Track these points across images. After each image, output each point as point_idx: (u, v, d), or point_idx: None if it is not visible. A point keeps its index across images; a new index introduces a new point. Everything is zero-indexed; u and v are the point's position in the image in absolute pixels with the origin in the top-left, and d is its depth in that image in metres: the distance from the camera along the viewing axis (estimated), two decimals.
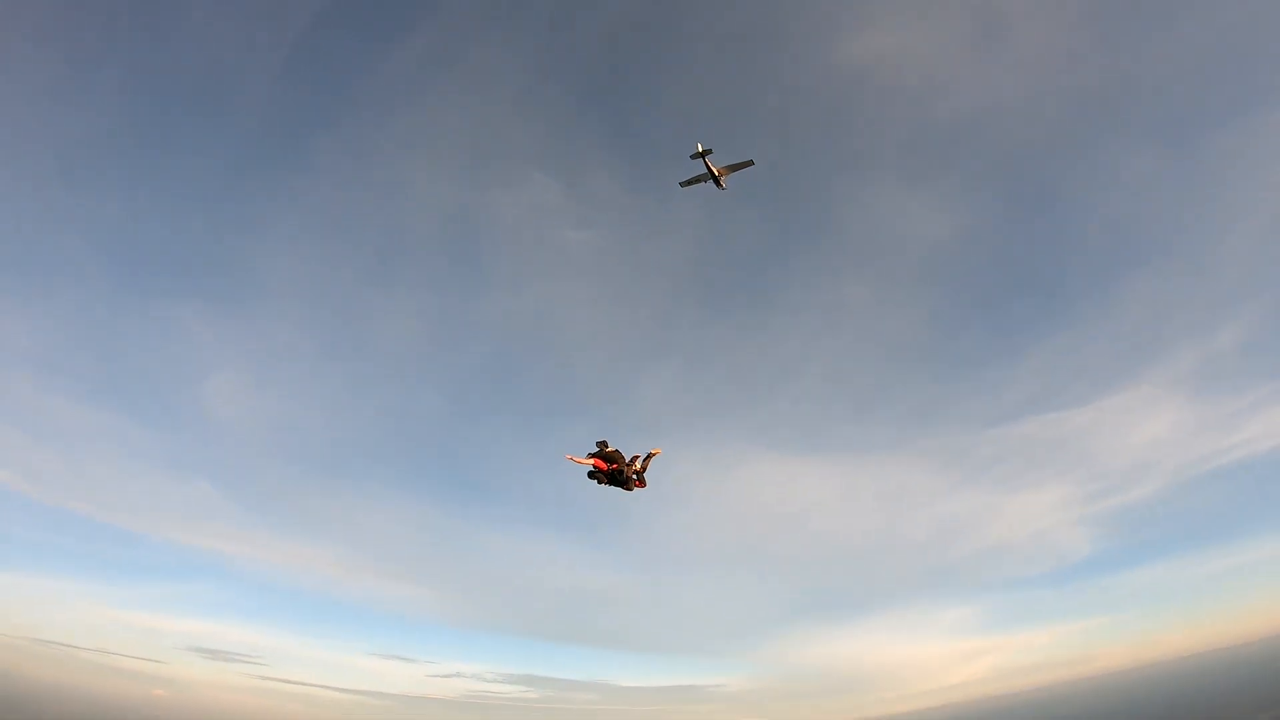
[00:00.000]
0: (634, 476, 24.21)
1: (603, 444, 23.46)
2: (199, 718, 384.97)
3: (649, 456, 24.37)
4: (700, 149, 67.02)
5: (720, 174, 68.92)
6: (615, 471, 23.95)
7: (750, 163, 69.55)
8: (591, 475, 23.71)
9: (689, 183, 70.17)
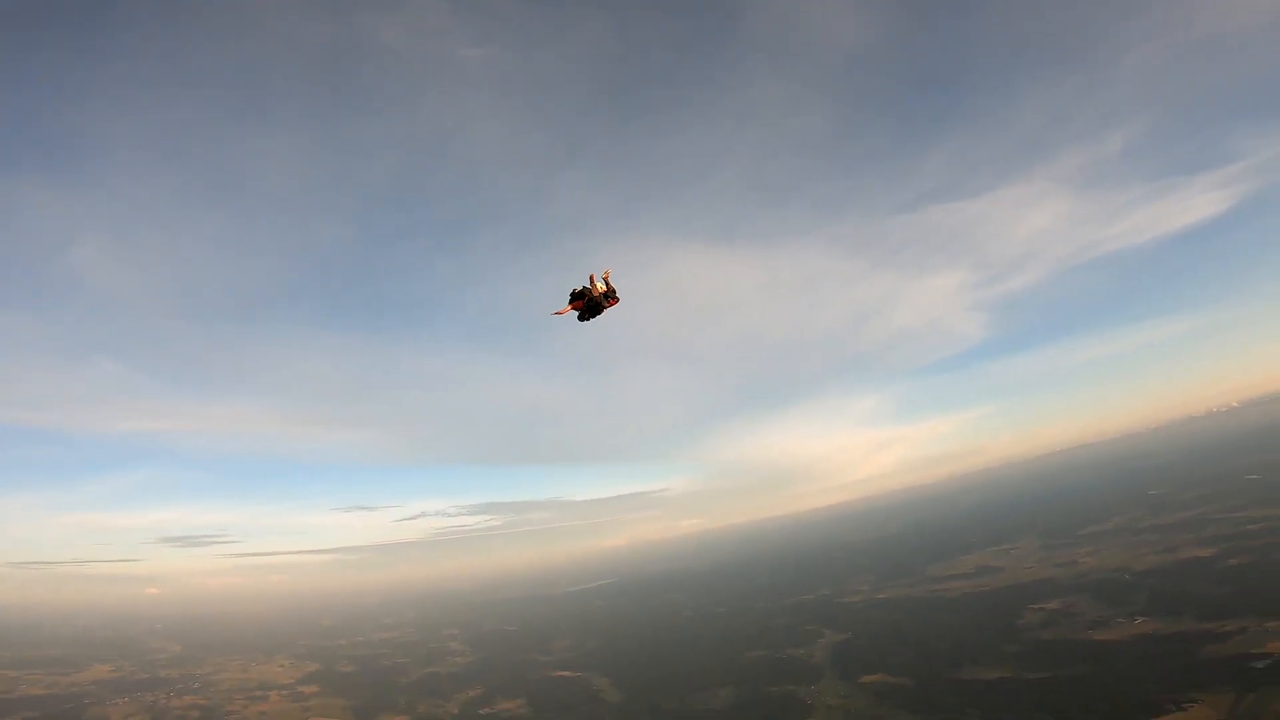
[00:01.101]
0: (603, 297, 24.94)
1: (573, 290, 24.81)
2: (196, 608, 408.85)
3: (604, 277, 25.11)
4: None
5: None
6: (589, 302, 24.86)
7: None
8: (580, 318, 25.22)
9: None
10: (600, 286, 25.01)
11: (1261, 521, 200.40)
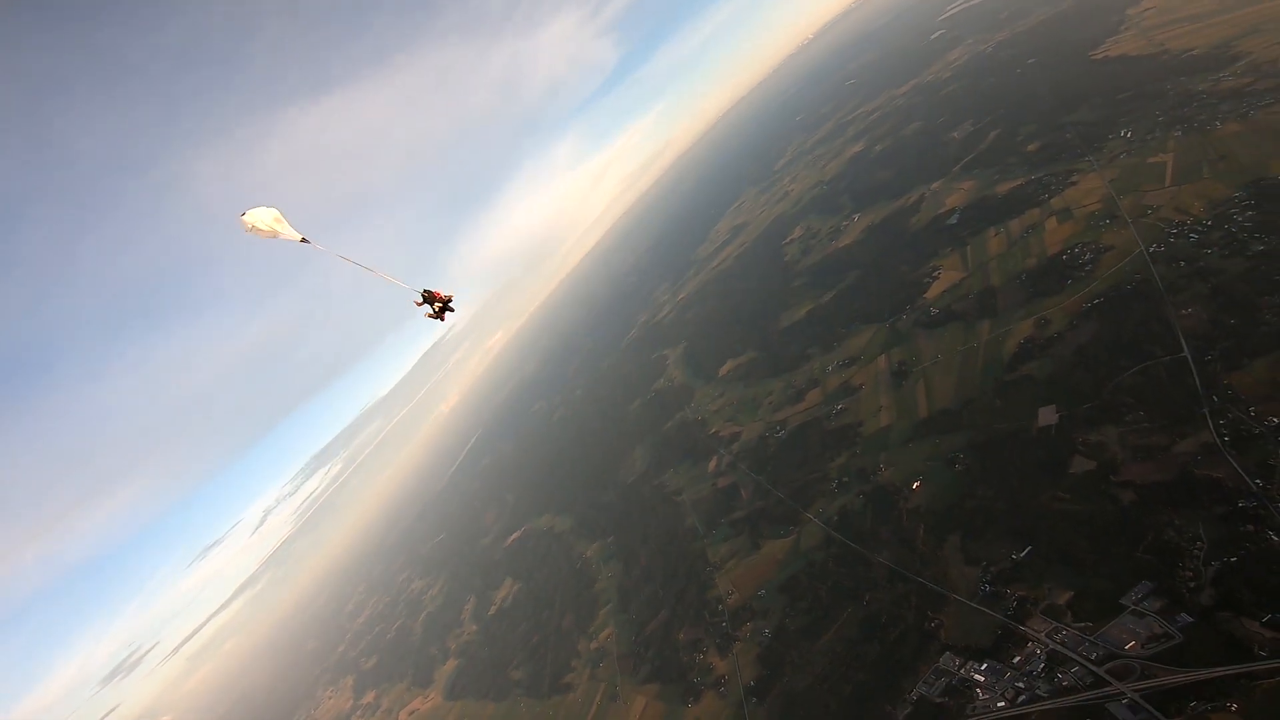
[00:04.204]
0: (441, 306, 27.72)
1: (427, 300, 27.37)
2: (211, 710, 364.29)
3: (449, 297, 27.86)
4: None
5: None
6: (434, 304, 27.49)
7: None
8: (441, 314, 27.92)
9: None
10: (443, 295, 27.67)
11: (876, 111, 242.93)
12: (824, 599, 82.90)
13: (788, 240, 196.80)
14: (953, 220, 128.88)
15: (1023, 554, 65.18)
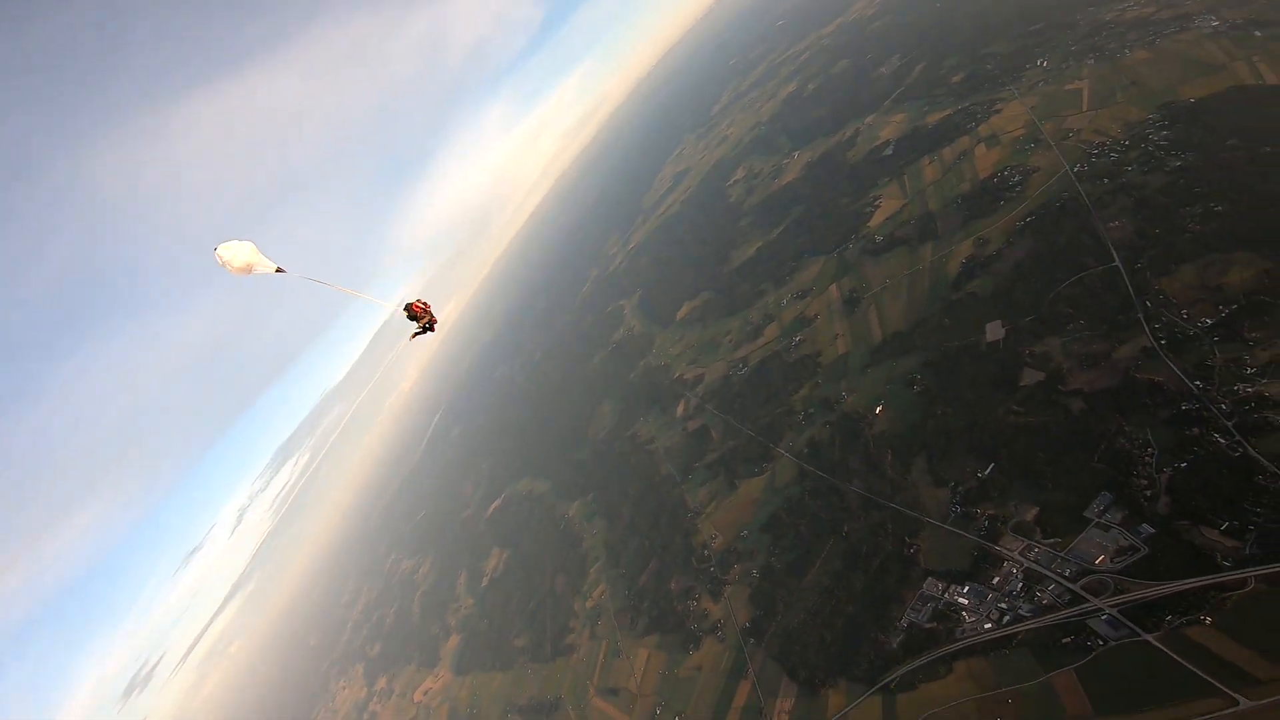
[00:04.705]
0: (421, 320, 28.34)
1: (411, 317, 27.89)
2: (236, 710, 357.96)
3: (428, 307, 28.49)
4: None
5: None
6: (418, 320, 28.15)
7: None
8: (425, 330, 28.60)
9: None
10: (422, 305, 28.73)
11: (805, 51, 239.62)
12: (805, 534, 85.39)
13: (731, 182, 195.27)
14: (888, 152, 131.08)
15: (987, 471, 68.03)
